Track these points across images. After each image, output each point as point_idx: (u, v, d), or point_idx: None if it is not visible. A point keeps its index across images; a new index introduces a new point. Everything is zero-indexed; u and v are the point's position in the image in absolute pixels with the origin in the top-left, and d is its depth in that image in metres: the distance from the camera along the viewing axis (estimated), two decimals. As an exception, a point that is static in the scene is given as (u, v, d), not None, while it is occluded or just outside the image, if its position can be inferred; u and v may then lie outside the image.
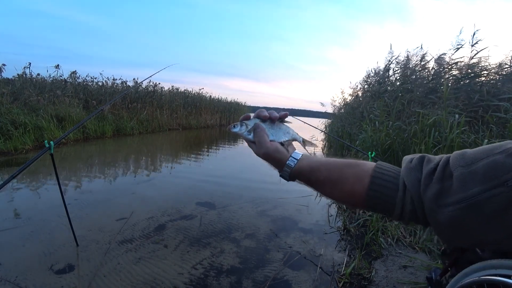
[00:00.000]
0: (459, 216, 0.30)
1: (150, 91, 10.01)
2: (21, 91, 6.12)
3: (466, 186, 0.30)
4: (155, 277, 1.49)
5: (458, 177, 0.31)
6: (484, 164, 0.30)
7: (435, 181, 0.33)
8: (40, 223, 2.02)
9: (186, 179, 3.56)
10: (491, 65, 3.24)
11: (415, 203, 0.35)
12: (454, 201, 0.30)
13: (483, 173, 0.29)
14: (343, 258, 1.78)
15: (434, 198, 0.32)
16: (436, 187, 0.32)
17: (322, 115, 9.59)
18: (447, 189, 0.32)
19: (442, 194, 0.32)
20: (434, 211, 0.32)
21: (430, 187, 0.33)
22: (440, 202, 0.32)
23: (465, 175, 0.31)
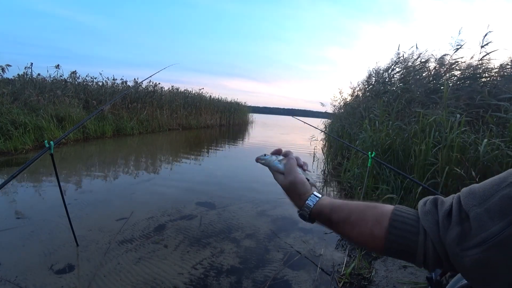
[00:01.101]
0: (485, 258, 0.29)
1: (150, 91, 10.01)
2: (21, 91, 6.12)
3: (485, 226, 0.30)
4: (155, 277, 1.49)
5: (475, 218, 0.31)
6: (496, 200, 0.30)
7: (454, 224, 0.32)
8: (40, 223, 2.02)
9: (186, 179, 3.56)
10: (494, 66, 3.25)
11: (436, 247, 0.34)
12: (477, 243, 0.30)
13: (499, 210, 0.29)
14: (343, 258, 1.78)
15: (456, 242, 0.32)
16: (456, 230, 0.32)
17: (322, 115, 9.58)
18: (467, 232, 0.31)
19: (463, 237, 0.31)
20: (458, 255, 0.31)
21: (450, 230, 0.33)
22: (463, 246, 0.31)
23: (481, 215, 0.30)
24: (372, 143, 3.07)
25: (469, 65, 3.39)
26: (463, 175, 2.10)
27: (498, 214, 0.29)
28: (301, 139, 9.98)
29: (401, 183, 2.52)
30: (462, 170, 2.11)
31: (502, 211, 0.29)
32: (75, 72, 8.00)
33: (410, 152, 2.62)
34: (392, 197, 2.42)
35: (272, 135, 11.72)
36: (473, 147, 2.21)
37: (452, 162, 2.18)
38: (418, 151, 2.45)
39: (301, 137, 10.79)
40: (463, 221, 0.32)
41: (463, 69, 3.47)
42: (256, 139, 9.59)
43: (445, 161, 2.22)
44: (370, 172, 2.62)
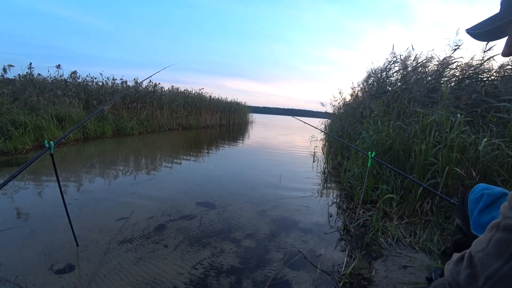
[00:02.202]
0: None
1: (150, 91, 10.01)
2: (22, 91, 6.13)
3: (486, 266, 0.36)
4: (155, 277, 1.49)
5: (478, 261, 0.37)
6: (491, 244, 0.36)
7: (465, 268, 0.40)
8: (40, 223, 2.02)
9: (186, 179, 3.56)
10: (493, 66, 3.25)
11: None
12: (483, 280, 0.36)
13: (494, 253, 0.36)
14: (343, 258, 1.78)
15: (467, 282, 0.38)
16: (466, 272, 0.39)
17: (322, 115, 9.58)
18: (475, 273, 0.37)
19: (472, 277, 0.38)
20: None
21: (461, 273, 0.40)
22: (473, 284, 0.37)
23: (483, 258, 0.37)
24: (372, 143, 3.07)
25: (469, 65, 3.39)
26: (463, 175, 2.10)
27: (495, 256, 0.35)
28: (301, 140, 9.99)
29: (401, 183, 2.52)
30: (462, 170, 2.11)
31: (497, 253, 0.35)
32: (75, 72, 8.00)
33: (410, 152, 2.62)
34: (392, 197, 2.42)
35: (272, 135, 11.73)
36: (473, 147, 2.21)
37: (452, 162, 2.18)
38: (418, 151, 2.45)
39: (301, 138, 10.80)
40: (472, 265, 0.38)
41: (463, 69, 3.47)
42: (256, 139, 9.59)
43: (445, 161, 2.22)
44: (370, 172, 2.62)
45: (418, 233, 1.97)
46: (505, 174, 2.00)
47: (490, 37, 0.46)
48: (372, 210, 2.45)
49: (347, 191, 3.22)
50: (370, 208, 2.53)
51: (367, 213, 2.37)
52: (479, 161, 2.11)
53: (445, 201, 2.08)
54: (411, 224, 2.15)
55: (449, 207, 2.14)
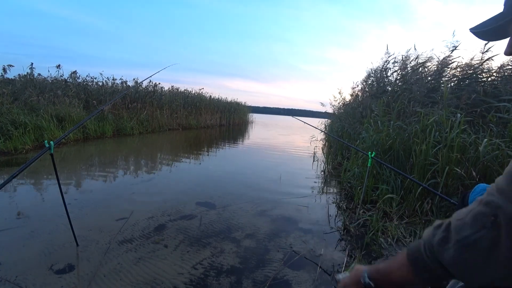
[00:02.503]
0: (458, 255, 0.39)
1: (150, 91, 10.01)
2: (22, 91, 6.13)
3: (459, 232, 0.40)
4: (155, 277, 1.49)
5: (454, 227, 0.41)
6: (470, 215, 0.39)
7: (441, 232, 0.43)
8: (40, 223, 2.02)
9: (186, 179, 3.56)
10: (492, 66, 3.26)
11: (427, 248, 0.44)
12: (453, 243, 0.40)
13: (470, 222, 0.39)
14: (343, 258, 1.78)
15: (439, 243, 0.42)
16: (441, 235, 0.42)
17: (322, 115, 9.58)
18: (448, 237, 0.41)
19: (445, 240, 0.42)
20: (441, 252, 0.41)
21: (437, 235, 0.43)
22: (443, 246, 0.41)
23: (458, 225, 0.40)
24: (372, 143, 3.07)
25: (468, 65, 3.39)
26: (463, 175, 2.10)
27: (469, 225, 0.38)
28: (301, 140, 9.99)
29: (401, 183, 2.52)
30: (462, 170, 2.11)
31: (472, 222, 0.38)
32: (75, 72, 8.00)
33: (410, 152, 2.62)
34: (392, 197, 2.42)
35: (272, 135, 11.73)
36: (473, 147, 2.21)
37: (452, 162, 2.18)
38: (418, 151, 2.45)
39: (301, 138, 10.80)
40: (448, 230, 0.42)
41: (463, 69, 3.47)
42: (256, 140, 9.59)
43: (445, 161, 2.22)
44: (370, 172, 2.62)
45: (418, 233, 1.97)
46: (505, 169, 1.99)
47: (494, 36, 0.46)
48: (372, 210, 2.45)
49: (347, 191, 3.22)
50: (370, 208, 2.53)
51: (367, 213, 2.37)
52: (479, 161, 2.11)
53: (445, 201, 2.08)
54: (411, 224, 2.15)
55: (449, 207, 2.14)
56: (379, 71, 5.08)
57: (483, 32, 0.46)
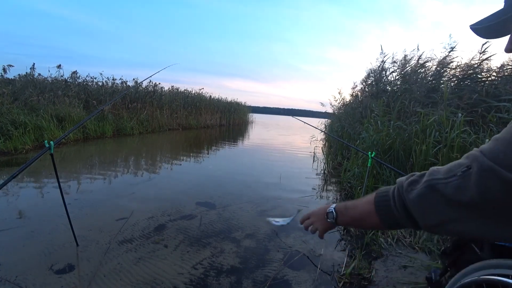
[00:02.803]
0: (422, 194, 0.41)
1: (150, 91, 10.01)
2: (22, 91, 6.13)
3: (431, 175, 0.42)
4: (155, 277, 1.49)
5: (428, 172, 0.44)
6: (448, 165, 0.42)
7: (415, 176, 0.45)
8: (40, 223, 2.02)
9: (186, 179, 3.56)
10: (491, 66, 3.26)
11: (400, 192, 0.46)
12: (422, 183, 0.42)
13: (444, 170, 0.41)
14: (343, 258, 1.78)
15: (409, 184, 0.45)
16: (413, 178, 0.45)
17: (322, 115, 9.58)
18: (419, 180, 0.44)
19: (415, 181, 0.44)
20: (408, 192, 0.44)
21: (409, 179, 0.46)
22: (412, 186, 0.44)
23: (434, 170, 0.43)
24: (372, 143, 3.07)
25: (468, 65, 3.40)
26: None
27: (443, 172, 0.41)
28: (301, 140, 10.00)
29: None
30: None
31: (447, 170, 0.41)
32: (75, 72, 8.01)
33: (410, 152, 2.62)
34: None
35: (272, 135, 11.73)
36: (473, 147, 2.21)
37: (452, 162, 2.18)
38: (418, 151, 2.45)
39: (301, 138, 10.80)
40: (422, 175, 0.44)
41: (462, 69, 3.47)
42: (256, 140, 9.60)
43: (445, 161, 2.22)
44: (370, 172, 2.61)
45: (418, 233, 1.97)
46: None
47: (494, 33, 0.46)
48: (372, 210, 2.45)
49: (347, 191, 3.22)
50: (370, 208, 2.52)
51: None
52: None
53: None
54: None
55: (449, 207, 2.14)
56: (378, 71, 5.09)
57: (484, 29, 0.46)
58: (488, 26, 0.44)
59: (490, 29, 0.45)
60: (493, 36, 0.47)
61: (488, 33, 0.47)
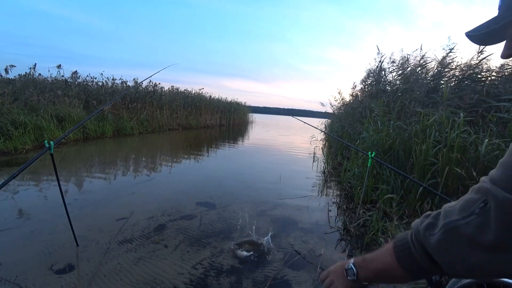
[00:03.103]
0: (443, 239, 0.39)
1: (150, 91, 10.01)
2: (22, 91, 6.12)
3: (447, 216, 0.40)
4: (155, 277, 1.49)
5: (443, 213, 0.41)
6: (461, 202, 0.40)
7: (430, 218, 0.43)
8: (40, 223, 2.02)
9: (186, 179, 3.56)
10: (491, 66, 3.26)
11: (414, 236, 0.45)
12: (439, 227, 0.40)
13: (460, 208, 0.39)
14: (343, 258, 1.78)
15: (425, 228, 0.42)
16: (429, 221, 0.42)
17: (322, 115, 9.58)
18: (436, 223, 0.41)
19: (432, 225, 0.42)
20: (427, 237, 0.41)
21: (424, 222, 0.43)
22: (430, 231, 0.41)
23: (448, 210, 0.41)
24: (372, 142, 3.06)
25: (468, 65, 3.40)
26: (463, 175, 2.10)
27: (458, 211, 0.38)
28: (301, 140, 9.99)
29: (401, 183, 2.52)
30: (462, 170, 2.11)
31: (461, 208, 0.38)
32: (76, 72, 8.01)
33: (410, 152, 2.62)
34: (392, 197, 2.42)
35: (272, 135, 11.73)
36: (473, 147, 2.21)
37: (452, 162, 2.18)
38: (418, 151, 2.45)
39: (301, 138, 10.80)
40: (437, 217, 0.42)
41: (462, 69, 3.47)
42: (256, 140, 9.60)
43: (445, 161, 2.22)
44: (370, 172, 2.61)
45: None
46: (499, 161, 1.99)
47: (489, 40, 0.46)
48: (372, 210, 2.45)
49: (347, 191, 3.22)
50: (370, 208, 2.53)
51: (367, 213, 2.37)
52: (479, 161, 2.11)
53: (445, 201, 2.08)
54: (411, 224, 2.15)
55: (449, 207, 2.14)
56: (376, 71, 5.09)
57: (479, 36, 0.46)
58: (483, 33, 0.44)
59: (485, 36, 0.45)
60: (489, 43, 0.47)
61: (483, 40, 0.47)
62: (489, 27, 0.43)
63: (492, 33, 0.43)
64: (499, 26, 0.42)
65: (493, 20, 0.43)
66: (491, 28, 0.43)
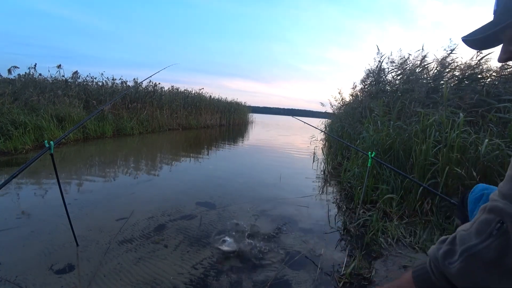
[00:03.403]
0: (464, 266, 0.37)
1: (150, 91, 10.01)
2: (22, 91, 6.13)
3: (464, 241, 0.38)
4: (155, 277, 1.49)
5: (459, 238, 0.39)
6: (475, 224, 0.38)
7: (446, 244, 0.41)
8: (40, 223, 2.02)
9: (186, 179, 3.56)
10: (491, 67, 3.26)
11: (433, 263, 0.44)
12: (458, 255, 0.38)
13: (476, 231, 0.37)
14: (343, 258, 1.78)
15: (444, 257, 0.41)
16: (446, 248, 0.41)
17: (322, 115, 9.58)
18: (454, 250, 0.39)
19: (450, 252, 0.40)
20: (446, 266, 0.40)
21: (441, 249, 0.42)
22: (449, 259, 0.40)
23: (464, 235, 0.39)
24: (372, 143, 3.07)
25: (468, 65, 3.40)
26: (463, 175, 2.10)
27: (475, 234, 0.37)
28: (301, 140, 10.00)
29: (401, 183, 2.52)
30: (462, 170, 2.11)
31: (477, 231, 0.37)
32: (76, 72, 8.01)
33: (410, 152, 2.62)
34: (392, 197, 2.42)
35: (272, 135, 11.73)
36: (473, 147, 2.21)
37: (452, 162, 2.18)
38: (418, 151, 2.45)
39: (301, 138, 10.80)
40: (453, 243, 0.40)
41: (462, 70, 3.47)
42: (256, 140, 9.60)
43: (445, 161, 2.22)
44: (370, 172, 2.62)
45: (418, 233, 1.97)
46: (506, 174, 1.99)
47: (485, 44, 0.47)
48: (372, 210, 2.45)
49: (347, 191, 3.22)
50: (370, 208, 2.53)
51: (367, 213, 2.37)
52: (480, 161, 2.11)
53: (445, 201, 2.08)
54: (411, 224, 2.15)
55: (449, 207, 2.14)
56: (376, 71, 5.09)
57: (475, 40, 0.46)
58: (479, 38, 0.45)
59: (482, 41, 0.45)
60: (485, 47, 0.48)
61: (480, 44, 0.47)
62: (485, 32, 0.43)
63: (488, 37, 0.44)
64: (494, 30, 0.42)
65: (488, 25, 0.43)
66: (487, 32, 0.43)
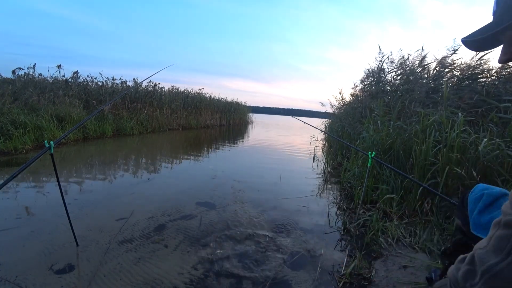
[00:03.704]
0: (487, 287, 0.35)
1: (150, 91, 10.01)
2: (22, 91, 6.13)
3: (484, 261, 0.36)
4: (155, 277, 1.49)
5: (478, 257, 0.37)
6: (492, 241, 0.36)
7: (465, 265, 0.40)
8: (40, 223, 2.02)
9: (186, 179, 3.56)
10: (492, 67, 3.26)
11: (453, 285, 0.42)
12: (479, 275, 0.36)
13: (494, 249, 0.35)
14: (343, 258, 1.78)
15: (464, 278, 0.39)
16: (465, 269, 0.39)
17: (322, 115, 9.59)
18: (473, 270, 0.38)
19: (470, 273, 0.38)
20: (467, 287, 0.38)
21: (461, 270, 0.40)
22: (471, 281, 0.38)
23: (482, 254, 0.37)
24: (372, 143, 3.07)
25: (468, 65, 3.40)
26: (463, 175, 2.10)
27: (493, 252, 0.35)
28: (301, 140, 10.00)
29: (401, 183, 2.52)
30: (462, 170, 2.10)
31: (496, 249, 0.35)
32: (76, 72, 8.01)
33: (410, 152, 2.62)
34: (392, 197, 2.42)
35: (272, 135, 11.73)
36: (473, 147, 2.21)
37: (452, 162, 2.18)
38: (418, 151, 2.45)
39: (301, 138, 10.80)
40: (472, 263, 0.38)
41: (462, 70, 3.47)
42: (256, 140, 9.60)
43: (445, 161, 2.22)
44: (370, 172, 2.62)
45: (418, 233, 1.97)
46: (506, 174, 2.00)
47: (484, 45, 0.46)
48: (372, 210, 2.45)
49: (347, 191, 3.22)
50: (370, 208, 2.53)
51: (367, 213, 2.37)
52: (480, 161, 2.11)
53: (445, 201, 2.08)
54: (411, 224, 2.15)
55: (449, 207, 2.14)
56: (376, 71, 5.09)
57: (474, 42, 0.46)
58: (479, 39, 0.45)
59: (481, 42, 0.45)
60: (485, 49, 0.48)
61: (479, 46, 0.47)
62: (484, 33, 0.43)
63: (488, 38, 0.43)
64: (494, 32, 0.42)
65: (488, 26, 0.43)
66: (486, 33, 0.43)
